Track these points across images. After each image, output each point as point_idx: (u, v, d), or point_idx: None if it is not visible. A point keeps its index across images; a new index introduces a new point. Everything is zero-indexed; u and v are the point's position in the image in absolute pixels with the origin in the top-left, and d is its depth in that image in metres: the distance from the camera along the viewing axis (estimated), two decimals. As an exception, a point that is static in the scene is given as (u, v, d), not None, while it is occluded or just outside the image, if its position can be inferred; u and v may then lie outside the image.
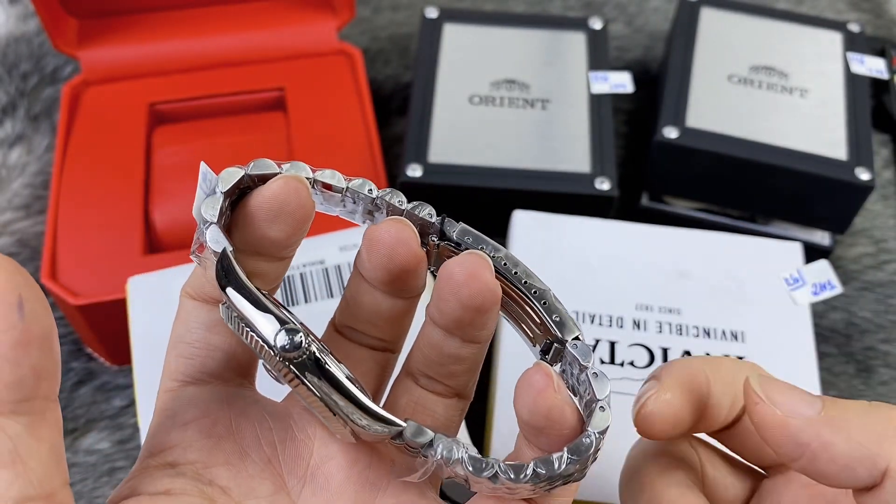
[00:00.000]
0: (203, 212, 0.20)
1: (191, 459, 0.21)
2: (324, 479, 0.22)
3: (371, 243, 0.21)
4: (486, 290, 0.21)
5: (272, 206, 0.20)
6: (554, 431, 0.20)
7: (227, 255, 0.20)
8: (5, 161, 0.51)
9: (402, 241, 0.21)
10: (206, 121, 0.48)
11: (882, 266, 0.49)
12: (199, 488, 0.20)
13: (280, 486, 0.21)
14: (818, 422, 0.21)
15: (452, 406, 0.24)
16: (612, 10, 0.62)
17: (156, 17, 0.50)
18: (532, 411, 0.20)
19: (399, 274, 0.22)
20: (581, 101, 0.47)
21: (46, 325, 0.17)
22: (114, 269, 0.41)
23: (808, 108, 0.47)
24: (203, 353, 0.22)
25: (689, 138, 0.45)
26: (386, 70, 0.57)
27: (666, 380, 0.24)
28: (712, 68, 0.48)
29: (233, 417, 0.22)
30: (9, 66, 0.56)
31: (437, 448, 0.20)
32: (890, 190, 0.53)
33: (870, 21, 0.62)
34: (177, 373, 0.22)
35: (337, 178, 0.22)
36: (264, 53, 0.50)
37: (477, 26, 0.51)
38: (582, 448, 0.20)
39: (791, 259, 0.39)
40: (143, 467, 0.21)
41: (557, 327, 0.22)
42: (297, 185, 0.20)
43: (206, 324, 0.22)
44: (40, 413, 0.17)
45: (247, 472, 0.21)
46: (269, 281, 0.22)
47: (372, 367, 0.24)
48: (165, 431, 0.22)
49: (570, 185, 0.43)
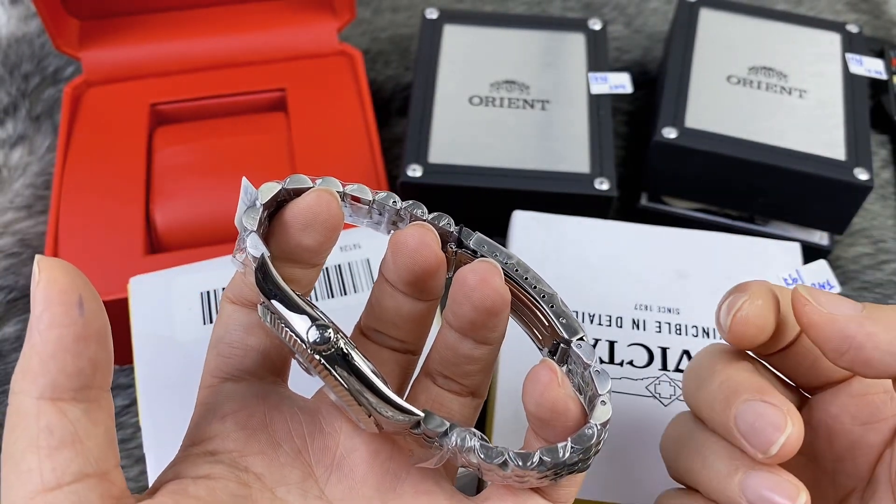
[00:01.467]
0: (244, 221, 0.22)
1: (228, 448, 0.23)
2: (349, 469, 0.23)
3: (397, 246, 0.23)
4: (495, 294, 0.23)
5: (306, 217, 0.22)
6: (559, 423, 0.22)
7: (265, 260, 0.21)
8: (7, 161, 0.51)
9: (426, 243, 0.23)
10: (207, 121, 0.48)
11: (881, 266, 0.49)
12: (236, 474, 0.22)
13: (308, 474, 0.23)
14: (861, 316, 0.23)
15: (467, 404, 0.25)
16: (612, 12, 0.62)
17: (157, 17, 0.50)
18: (538, 404, 0.22)
19: (421, 275, 0.23)
20: (580, 102, 0.47)
21: (103, 321, 0.19)
22: (115, 270, 0.41)
23: (807, 109, 0.47)
24: (240, 353, 0.24)
25: (688, 139, 0.45)
26: (386, 71, 0.58)
27: (756, 289, 0.25)
28: (711, 69, 0.49)
29: (266, 411, 0.24)
30: (10, 67, 0.56)
31: (451, 437, 0.22)
32: (888, 190, 0.53)
33: (868, 22, 0.62)
34: (216, 370, 0.24)
35: (365, 192, 0.24)
36: (265, 54, 0.50)
37: (477, 27, 0.51)
38: (584, 438, 0.21)
39: (790, 259, 0.39)
40: (185, 455, 0.23)
41: (564, 329, 0.24)
42: (329, 197, 0.22)
43: (244, 326, 0.24)
44: (96, 400, 0.19)
45: (279, 460, 0.23)
46: (302, 287, 0.24)
47: (394, 367, 0.25)
48: (206, 423, 0.23)
49: (569, 186, 0.44)
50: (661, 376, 0.36)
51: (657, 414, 0.35)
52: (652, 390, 0.35)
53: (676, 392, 0.35)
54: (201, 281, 0.35)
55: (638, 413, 0.35)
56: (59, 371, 0.18)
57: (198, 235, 0.43)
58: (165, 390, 0.32)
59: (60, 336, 0.18)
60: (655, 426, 0.34)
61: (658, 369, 0.36)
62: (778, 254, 0.40)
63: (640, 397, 0.35)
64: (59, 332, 0.18)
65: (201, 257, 0.37)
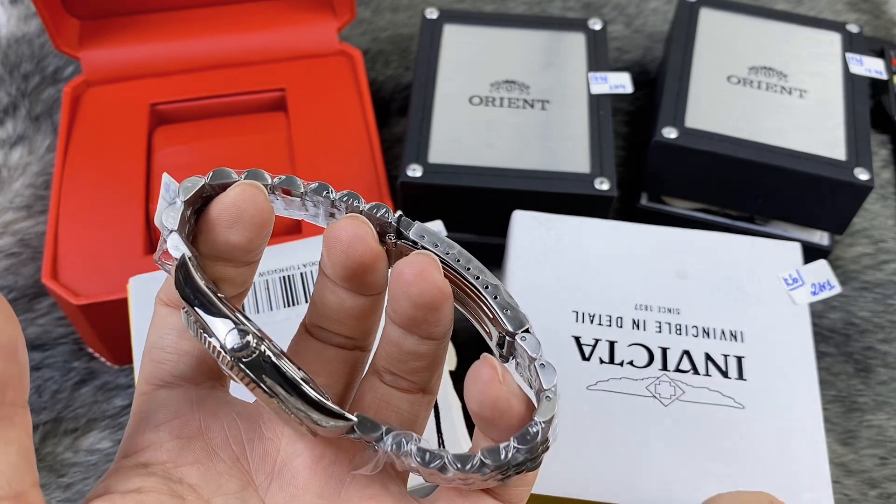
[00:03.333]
0: (164, 220, 0.21)
1: (161, 459, 0.22)
2: (290, 476, 0.22)
3: (330, 241, 0.22)
4: (433, 288, 0.21)
5: (231, 213, 0.21)
6: (503, 422, 0.21)
7: (185, 262, 0.20)
8: (7, 161, 0.51)
9: (359, 237, 0.22)
10: (207, 121, 0.48)
11: (881, 266, 0.49)
12: (169, 486, 0.21)
13: (247, 483, 0.22)
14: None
15: (418, 402, 0.24)
16: (612, 11, 0.62)
17: (157, 17, 0.50)
18: (480, 403, 0.21)
19: (357, 270, 0.22)
20: (581, 102, 0.47)
21: (11, 332, 0.17)
22: (115, 269, 0.41)
23: (807, 109, 0.47)
24: (174, 358, 0.23)
25: (688, 139, 0.45)
26: (386, 71, 0.58)
27: None
28: (711, 69, 0.49)
29: (202, 418, 0.23)
30: (10, 67, 0.56)
31: (386, 441, 0.21)
32: (889, 190, 0.53)
33: (868, 22, 0.62)
34: (150, 377, 0.23)
35: (294, 183, 0.22)
36: (265, 54, 0.50)
37: (477, 27, 0.51)
38: (528, 437, 0.20)
39: (790, 259, 0.39)
40: (117, 468, 0.22)
41: (509, 322, 0.23)
42: (254, 191, 0.21)
43: (177, 329, 0.23)
44: (8, 418, 0.17)
45: (215, 469, 0.22)
46: (237, 285, 0.23)
47: (341, 366, 0.24)
48: (139, 433, 0.22)
49: (569, 186, 0.44)
50: (661, 376, 0.36)
51: (657, 414, 0.34)
52: (652, 390, 0.35)
53: (676, 392, 0.35)
54: (201, 281, 0.35)
55: (638, 413, 0.35)
56: None
57: (197, 235, 0.43)
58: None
59: None
60: (655, 426, 0.34)
61: (658, 369, 0.36)
62: (778, 254, 0.40)
63: (640, 397, 0.35)
64: None
65: (201, 257, 0.37)
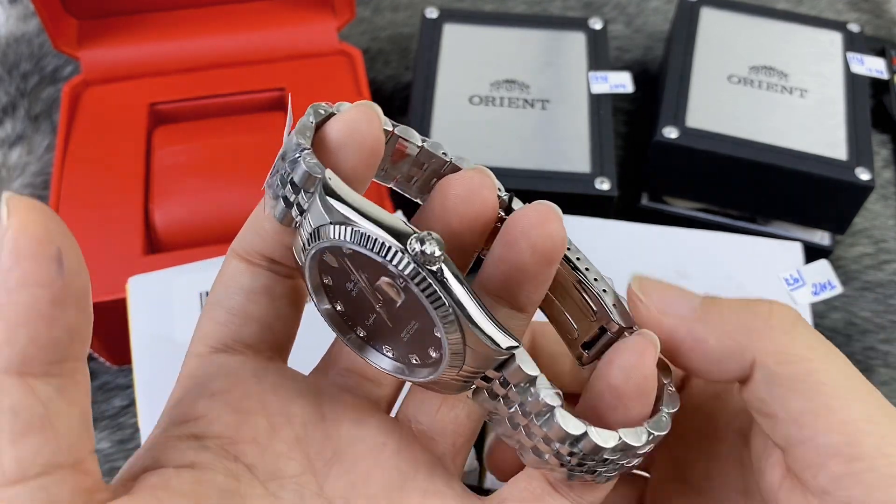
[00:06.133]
0: (296, 139, 0.19)
1: (217, 433, 0.20)
2: (351, 462, 0.21)
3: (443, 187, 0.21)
4: (558, 236, 0.20)
5: (344, 130, 0.19)
6: (641, 402, 0.20)
7: (334, 176, 0.18)
8: (5, 161, 0.51)
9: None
10: (206, 121, 0.48)
11: (882, 266, 0.49)
12: (224, 465, 0.19)
13: (307, 467, 0.20)
14: (691, 319, 0.21)
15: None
16: (612, 11, 0.62)
17: (156, 17, 0.50)
18: (627, 376, 0.19)
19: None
20: (581, 102, 0.47)
21: (84, 280, 0.16)
22: (114, 269, 0.41)
23: (808, 109, 0.47)
24: (238, 321, 0.21)
25: (689, 138, 0.45)
26: (386, 70, 0.57)
27: None
28: (712, 68, 0.48)
29: (263, 392, 0.21)
30: (9, 67, 0.56)
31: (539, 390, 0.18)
32: (890, 190, 0.53)
33: (869, 21, 0.62)
34: (208, 337, 0.21)
35: (412, 134, 0.21)
36: (265, 54, 0.50)
37: (477, 26, 0.51)
38: (661, 425, 0.19)
39: (791, 259, 0.39)
40: (166, 436, 0.20)
41: (621, 317, 0.21)
42: (370, 111, 0.20)
43: (247, 290, 0.21)
44: (71, 375, 0.16)
45: (274, 450, 0.20)
46: None
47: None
48: (192, 400, 0.20)
49: (570, 185, 0.43)
50: (661, 377, 0.35)
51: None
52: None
53: (677, 392, 0.35)
54: (200, 281, 0.35)
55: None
56: (29, 341, 0.15)
57: (197, 235, 0.43)
58: (164, 391, 0.32)
59: (34, 298, 0.15)
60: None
61: (659, 370, 0.36)
62: (779, 253, 0.39)
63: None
64: (33, 293, 0.15)
65: (200, 257, 0.37)
